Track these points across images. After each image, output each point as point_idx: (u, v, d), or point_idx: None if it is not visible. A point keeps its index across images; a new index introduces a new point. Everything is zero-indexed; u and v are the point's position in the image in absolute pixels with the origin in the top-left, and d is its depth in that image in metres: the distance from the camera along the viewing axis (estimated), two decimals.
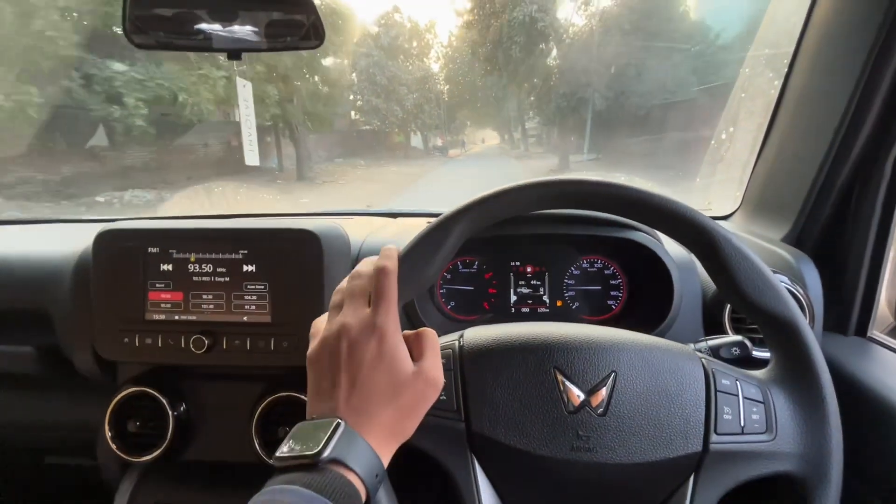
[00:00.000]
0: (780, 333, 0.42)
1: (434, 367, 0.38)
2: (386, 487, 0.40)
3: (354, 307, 0.38)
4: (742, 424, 0.40)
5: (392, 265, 0.39)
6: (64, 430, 0.80)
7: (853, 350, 0.66)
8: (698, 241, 0.42)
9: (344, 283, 0.41)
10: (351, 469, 0.33)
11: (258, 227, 0.67)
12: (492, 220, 0.44)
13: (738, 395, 0.41)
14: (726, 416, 0.40)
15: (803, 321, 0.41)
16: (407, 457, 0.41)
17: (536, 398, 0.41)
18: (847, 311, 0.70)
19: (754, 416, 0.40)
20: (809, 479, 0.39)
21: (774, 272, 0.65)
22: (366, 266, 0.41)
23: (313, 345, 0.39)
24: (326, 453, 0.32)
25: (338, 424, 0.34)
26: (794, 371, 0.41)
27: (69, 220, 1.01)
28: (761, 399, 0.41)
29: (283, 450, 0.34)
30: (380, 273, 0.39)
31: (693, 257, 0.74)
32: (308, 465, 0.32)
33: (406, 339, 0.39)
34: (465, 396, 0.42)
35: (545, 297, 0.78)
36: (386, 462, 0.37)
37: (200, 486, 0.72)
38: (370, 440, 0.35)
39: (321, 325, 0.40)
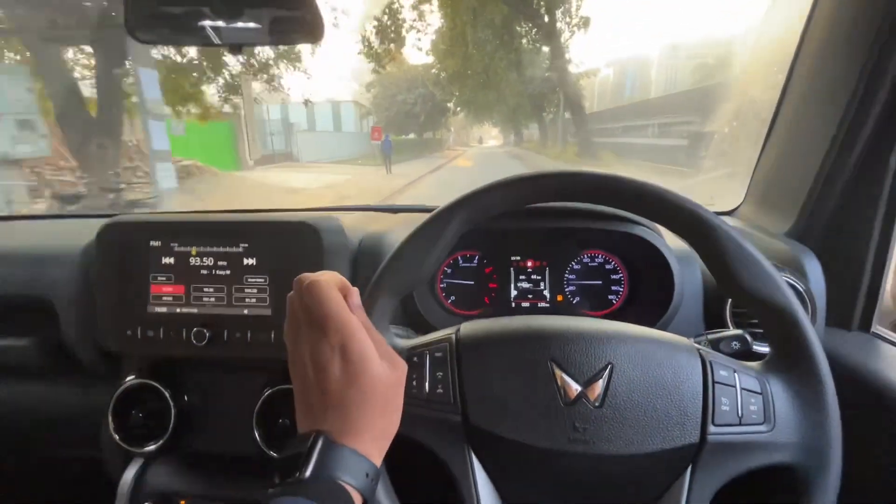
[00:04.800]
0: (777, 322, 0.41)
1: (393, 355, 0.39)
2: (384, 483, 0.41)
3: (309, 330, 0.38)
4: (740, 415, 0.40)
5: (323, 280, 0.38)
6: (68, 422, 0.81)
7: (857, 345, 0.66)
8: (694, 231, 0.42)
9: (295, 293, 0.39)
10: (338, 479, 0.34)
11: (258, 220, 0.67)
12: (488, 214, 0.45)
13: (735, 386, 0.41)
14: (724, 407, 0.40)
15: (800, 310, 0.41)
16: (405, 450, 0.41)
17: (533, 390, 0.41)
18: (850, 305, 0.69)
19: (752, 407, 0.40)
20: (808, 469, 0.39)
21: (777, 266, 0.65)
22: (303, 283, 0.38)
23: (290, 364, 0.40)
24: (308, 472, 0.33)
25: (315, 439, 0.35)
26: (792, 360, 0.41)
27: (74, 215, 1.02)
28: (759, 390, 0.41)
29: (273, 487, 0.35)
30: (310, 294, 0.37)
31: (694, 251, 0.73)
32: (295, 485, 0.33)
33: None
34: (461, 389, 0.42)
35: (546, 292, 0.78)
36: (378, 460, 0.37)
37: (202, 477, 0.73)
38: (357, 446, 0.35)
39: (288, 332, 0.40)
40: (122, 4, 0.62)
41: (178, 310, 0.68)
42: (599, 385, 0.41)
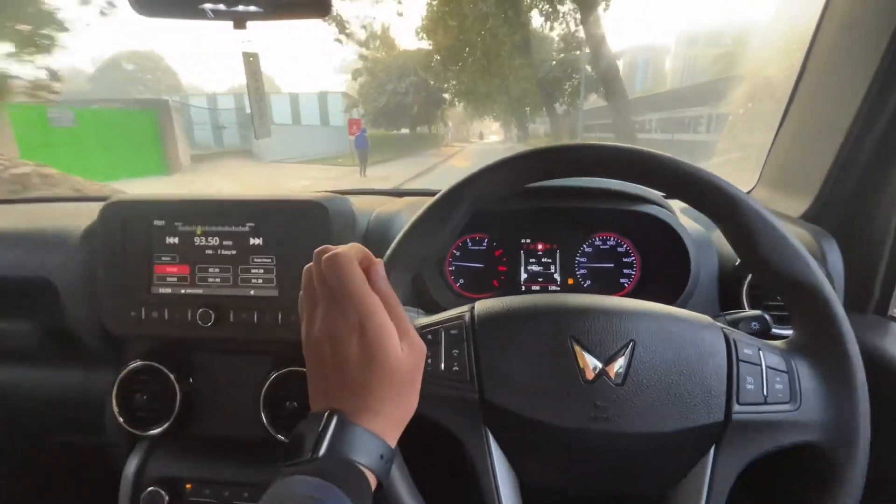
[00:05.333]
0: (806, 301, 0.40)
1: (414, 336, 0.37)
2: (399, 465, 0.40)
3: (328, 306, 0.36)
4: (765, 394, 0.39)
5: (344, 254, 0.36)
6: (71, 406, 0.80)
7: (873, 329, 0.64)
8: (721, 208, 0.41)
9: (314, 263, 0.38)
10: (352, 459, 0.33)
11: (265, 199, 0.66)
12: (506, 188, 0.43)
13: (760, 365, 0.40)
14: (749, 386, 0.39)
15: (829, 288, 0.40)
16: (420, 428, 0.40)
17: (552, 368, 0.40)
18: (868, 289, 0.68)
19: (777, 386, 0.39)
20: (836, 449, 0.38)
21: None
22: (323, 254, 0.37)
23: (304, 339, 0.38)
24: (322, 451, 0.32)
25: (329, 417, 0.34)
26: (820, 339, 0.40)
27: (77, 198, 1.00)
28: (785, 368, 0.40)
29: (286, 457, 0.34)
30: (330, 268, 0.35)
31: (709, 232, 0.72)
32: (308, 464, 0.32)
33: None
34: (478, 366, 0.41)
35: (556, 275, 0.76)
36: (393, 441, 0.36)
37: (208, 461, 0.72)
38: (373, 427, 0.35)
39: (304, 306, 0.39)
40: None
41: (182, 290, 0.67)
42: (621, 362, 0.39)
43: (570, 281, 0.76)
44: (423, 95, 22.73)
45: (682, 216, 0.74)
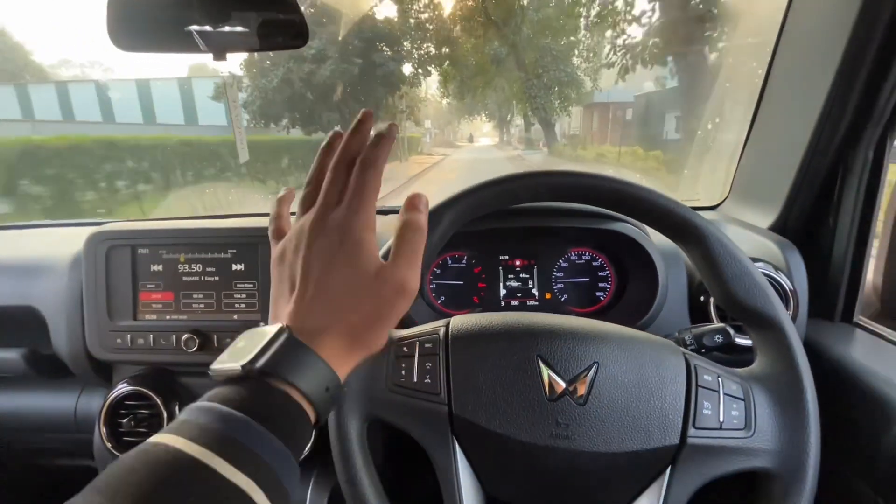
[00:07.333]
0: (765, 333, 0.43)
1: (403, 269, 0.33)
2: (364, 456, 0.41)
3: (323, 203, 0.34)
4: (721, 420, 0.41)
5: (378, 159, 0.34)
6: (62, 431, 0.81)
7: (839, 336, 0.67)
8: (687, 238, 0.44)
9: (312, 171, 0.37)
10: (290, 382, 0.28)
11: (245, 226, 0.68)
12: (481, 211, 0.46)
13: (718, 391, 0.41)
14: (706, 412, 0.41)
15: (788, 321, 0.42)
16: (392, 437, 0.41)
17: (518, 385, 0.42)
18: (833, 297, 0.70)
19: (734, 413, 0.41)
20: (785, 476, 0.40)
21: (755, 260, 0.66)
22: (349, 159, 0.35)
23: (280, 249, 0.35)
24: (259, 363, 0.28)
25: (279, 331, 0.30)
26: (777, 370, 0.42)
27: (65, 223, 1.02)
28: (742, 396, 0.42)
29: (220, 359, 0.30)
30: (362, 166, 0.33)
31: (679, 249, 0.74)
32: (238, 377, 0.28)
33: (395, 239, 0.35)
34: (449, 380, 0.43)
35: (534, 290, 0.78)
36: (343, 374, 0.32)
37: None
38: (325, 350, 0.31)
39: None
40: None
41: (167, 317, 0.68)
42: (584, 383, 0.41)
43: (548, 295, 0.78)
44: (358, 65, 11.18)
45: (654, 233, 0.76)
